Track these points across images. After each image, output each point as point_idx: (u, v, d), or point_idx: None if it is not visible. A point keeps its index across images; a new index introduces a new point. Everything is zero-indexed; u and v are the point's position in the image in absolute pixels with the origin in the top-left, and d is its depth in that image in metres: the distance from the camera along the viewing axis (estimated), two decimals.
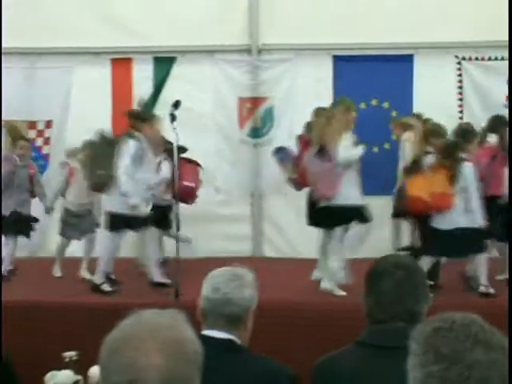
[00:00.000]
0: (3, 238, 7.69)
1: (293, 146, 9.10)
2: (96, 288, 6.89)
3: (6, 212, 7.60)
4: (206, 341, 1.64)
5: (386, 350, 2.33)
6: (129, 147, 6.78)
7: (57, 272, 7.90)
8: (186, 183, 7.59)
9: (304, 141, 7.41)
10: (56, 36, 9.11)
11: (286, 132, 9.36)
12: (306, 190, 7.40)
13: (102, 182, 7.03)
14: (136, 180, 6.79)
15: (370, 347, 2.40)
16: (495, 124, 7.61)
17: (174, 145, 6.66)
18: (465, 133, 7.13)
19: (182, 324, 1.57)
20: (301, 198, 8.63)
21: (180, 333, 1.55)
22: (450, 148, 6.81)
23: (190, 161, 8.01)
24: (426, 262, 6.39)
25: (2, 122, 8.78)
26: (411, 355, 1.50)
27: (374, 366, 2.33)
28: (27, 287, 7.36)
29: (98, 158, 7.19)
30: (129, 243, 7.91)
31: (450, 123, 8.39)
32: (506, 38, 8.49)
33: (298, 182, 7.43)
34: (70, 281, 7.58)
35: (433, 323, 1.52)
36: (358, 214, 6.86)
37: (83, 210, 7.82)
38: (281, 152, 7.91)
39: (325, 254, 7.04)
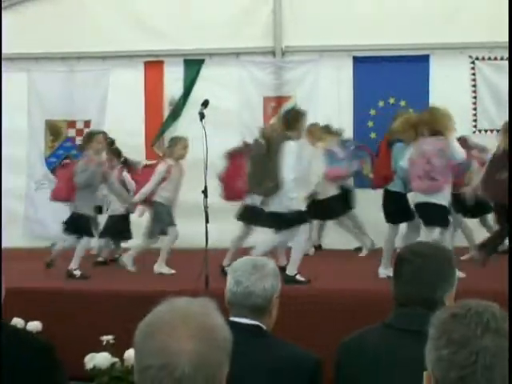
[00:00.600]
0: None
1: None
2: (290, 279, 6.54)
3: (88, 212, 7.31)
4: (234, 326, 1.63)
5: (407, 333, 2.33)
6: (291, 148, 6.61)
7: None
8: None
9: (385, 141, 7.40)
10: (93, 41, 9.22)
11: None
12: None
13: (271, 189, 6.71)
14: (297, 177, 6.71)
15: (394, 329, 2.41)
16: None
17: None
18: None
19: (213, 311, 1.57)
20: None
21: (211, 320, 1.55)
22: None
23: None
24: None
25: (45, 121, 8.92)
26: (429, 339, 1.50)
27: (397, 347, 2.34)
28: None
29: (261, 166, 6.87)
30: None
31: (464, 120, 8.36)
32: None
33: (376, 181, 7.44)
34: (109, 270, 7.69)
35: (451, 310, 1.51)
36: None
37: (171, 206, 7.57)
38: (359, 150, 7.88)
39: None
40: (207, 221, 6.25)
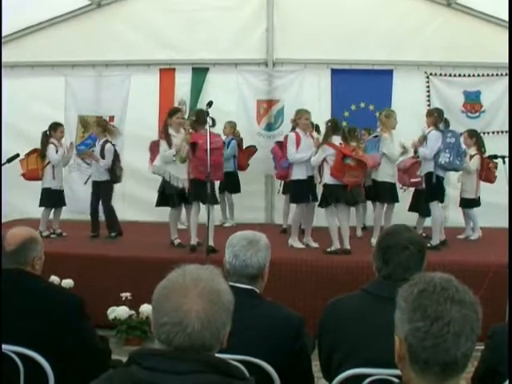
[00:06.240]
0: None
1: None
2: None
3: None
4: (233, 289, 1.63)
5: (385, 299, 2.22)
6: None
7: None
8: None
9: None
10: (118, 52, 9.15)
11: None
12: None
13: None
14: None
15: (374, 295, 2.41)
16: None
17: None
18: None
19: (219, 277, 1.55)
20: None
21: (217, 284, 1.53)
22: None
23: None
24: None
25: (78, 116, 8.82)
26: (400, 311, 1.46)
27: (374, 310, 2.33)
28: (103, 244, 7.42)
29: None
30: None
31: (420, 122, 8.36)
32: (463, 59, 8.64)
33: None
34: (125, 240, 7.60)
35: (418, 285, 1.46)
36: None
37: None
38: None
39: None
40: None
